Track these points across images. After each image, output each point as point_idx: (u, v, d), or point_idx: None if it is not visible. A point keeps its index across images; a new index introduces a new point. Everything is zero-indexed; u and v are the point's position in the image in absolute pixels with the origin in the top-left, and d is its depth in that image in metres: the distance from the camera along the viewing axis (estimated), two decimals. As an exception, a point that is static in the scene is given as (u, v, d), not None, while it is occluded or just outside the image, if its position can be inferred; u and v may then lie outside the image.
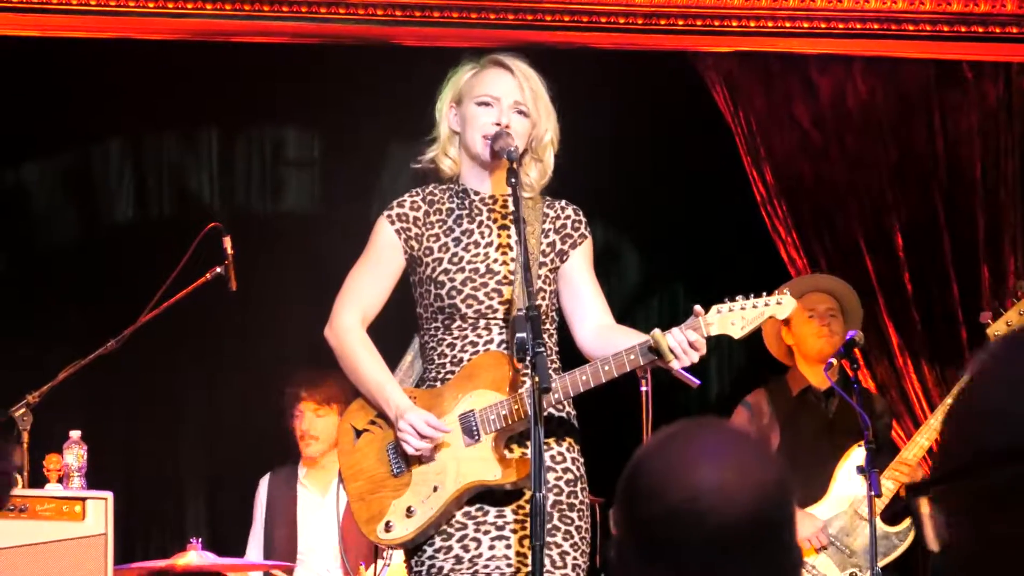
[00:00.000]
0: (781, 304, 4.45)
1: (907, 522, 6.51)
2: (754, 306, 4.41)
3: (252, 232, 7.36)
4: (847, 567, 6.47)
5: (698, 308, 4.37)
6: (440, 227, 4.63)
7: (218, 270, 6.06)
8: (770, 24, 7.68)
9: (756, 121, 7.80)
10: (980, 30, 7.77)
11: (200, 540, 6.27)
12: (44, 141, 7.80)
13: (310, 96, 7.91)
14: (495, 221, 4.62)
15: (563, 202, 4.73)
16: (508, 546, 4.43)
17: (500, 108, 4.58)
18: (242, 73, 7.75)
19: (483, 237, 4.60)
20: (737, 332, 4.41)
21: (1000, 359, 1.25)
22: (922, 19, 7.72)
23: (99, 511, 5.67)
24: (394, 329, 4.82)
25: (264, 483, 7.11)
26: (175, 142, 7.95)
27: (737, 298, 4.41)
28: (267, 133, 8.04)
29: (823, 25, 7.70)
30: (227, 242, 6.03)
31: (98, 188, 7.88)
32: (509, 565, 4.41)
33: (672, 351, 4.31)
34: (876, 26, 7.70)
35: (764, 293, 4.45)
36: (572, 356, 4.63)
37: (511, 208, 4.58)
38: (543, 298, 4.56)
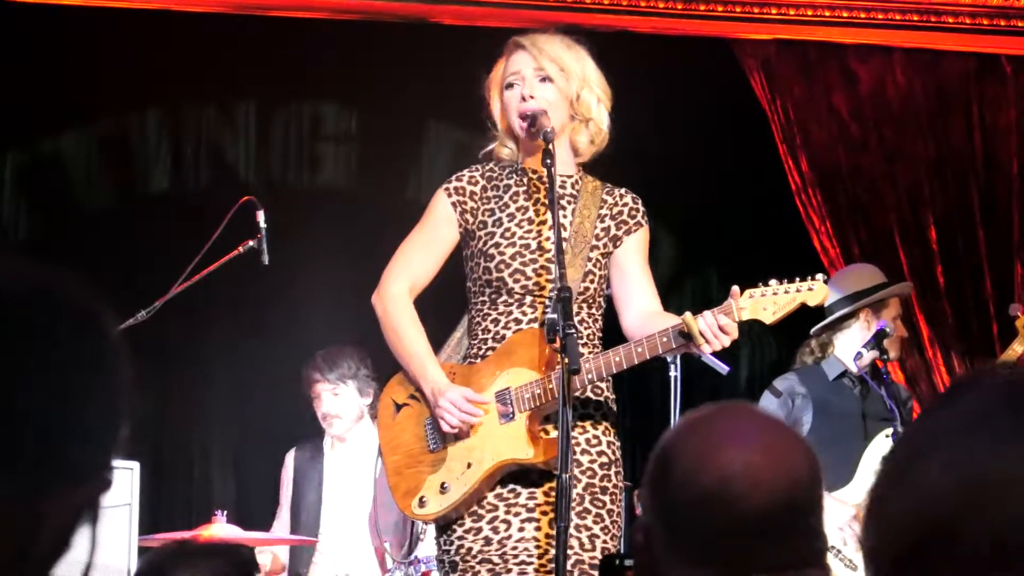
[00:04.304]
0: (813, 290, 4.36)
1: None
2: (786, 291, 4.33)
3: (287, 206, 7.37)
4: None
5: (735, 289, 4.31)
6: (496, 203, 4.62)
7: (251, 243, 6.04)
8: (809, 12, 7.67)
9: (794, 109, 7.78)
10: (1020, 24, 7.74)
11: (225, 513, 6.29)
12: (82, 109, 7.82)
13: (349, 72, 7.91)
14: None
15: (623, 190, 4.69)
16: (538, 528, 4.41)
17: (523, 83, 4.58)
18: (281, 47, 7.76)
19: (537, 215, 4.58)
20: (768, 318, 4.34)
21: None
22: (962, 11, 7.71)
23: (125, 481, 5.68)
24: (447, 307, 4.80)
25: (290, 458, 7.10)
26: (213, 114, 7.97)
27: (771, 283, 4.34)
28: (305, 108, 8.05)
29: (862, 15, 7.69)
30: (260, 215, 6.02)
31: (135, 158, 7.90)
32: (538, 547, 4.39)
33: (702, 335, 4.27)
34: (916, 17, 7.69)
35: (797, 278, 4.39)
36: (618, 342, 4.60)
37: (568, 188, 4.59)
38: (591, 281, 4.54)
